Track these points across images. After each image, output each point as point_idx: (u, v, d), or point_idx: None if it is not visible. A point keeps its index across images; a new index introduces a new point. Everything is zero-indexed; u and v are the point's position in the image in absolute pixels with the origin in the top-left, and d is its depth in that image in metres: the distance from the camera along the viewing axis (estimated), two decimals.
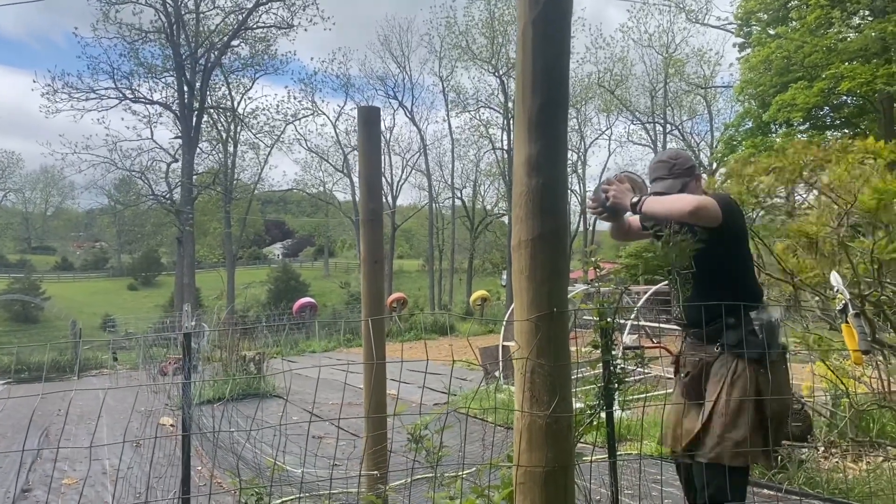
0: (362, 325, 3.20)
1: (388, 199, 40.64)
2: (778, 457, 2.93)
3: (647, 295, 11.57)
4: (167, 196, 29.97)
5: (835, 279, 2.97)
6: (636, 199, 2.59)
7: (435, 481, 2.58)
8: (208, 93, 30.05)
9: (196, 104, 28.74)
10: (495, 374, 9.32)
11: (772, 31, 21.77)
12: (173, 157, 29.61)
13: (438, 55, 38.31)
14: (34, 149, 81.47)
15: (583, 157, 40.84)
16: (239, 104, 33.43)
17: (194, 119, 28.68)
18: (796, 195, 5.32)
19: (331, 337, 21.16)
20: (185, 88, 28.30)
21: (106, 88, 27.64)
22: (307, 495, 3.96)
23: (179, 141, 28.79)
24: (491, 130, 38.75)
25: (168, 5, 27.28)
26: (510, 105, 34.50)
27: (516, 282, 1.78)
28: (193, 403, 3.77)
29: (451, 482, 2.63)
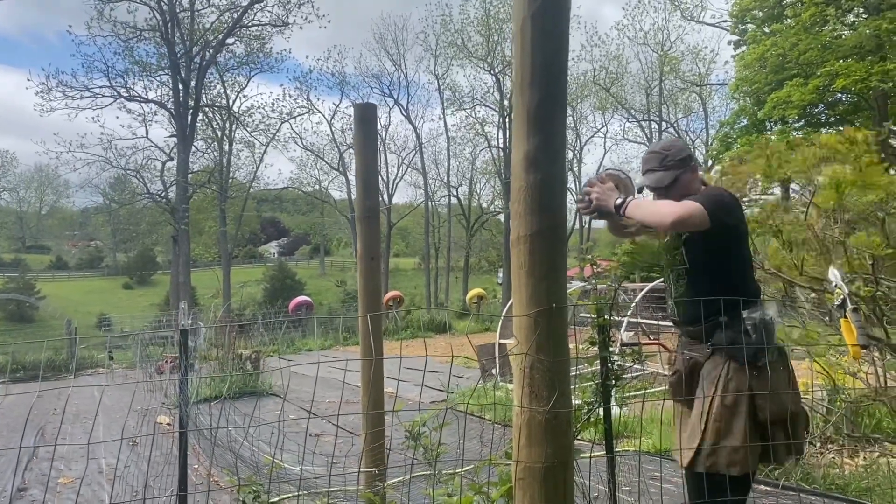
0: (359, 321, 3.19)
1: (385, 197, 40.64)
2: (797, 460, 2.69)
3: (643, 292, 11.59)
4: (162, 194, 29.89)
5: (833, 274, 2.97)
6: (620, 202, 2.47)
7: (433, 478, 2.58)
8: (203, 91, 29.96)
9: (191, 102, 28.68)
10: (492, 371, 9.33)
11: (767, 29, 21.82)
12: (168, 155, 29.52)
13: (434, 53, 38.36)
14: (28, 147, 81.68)
15: (578, 155, 40.92)
16: (234, 102, 33.45)
17: (189, 117, 28.63)
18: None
19: (327, 335, 21.14)
20: (180, 87, 28.22)
21: (100, 87, 27.62)
22: (305, 493, 3.96)
23: (174, 139, 28.74)
24: (487, 128, 38.81)
25: (163, 3, 27.20)
26: (506, 103, 34.51)
27: (515, 278, 1.78)
28: (190, 401, 3.77)
29: (449, 479, 2.63)
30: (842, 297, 2.80)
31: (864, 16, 19.50)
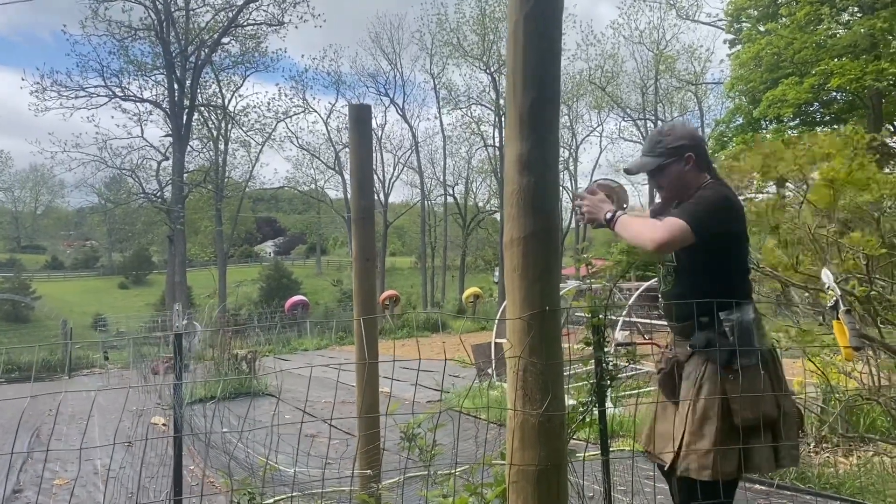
0: (354, 323, 3.19)
1: (380, 196, 40.61)
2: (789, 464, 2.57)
3: (638, 291, 11.61)
4: (158, 194, 29.85)
5: (825, 275, 2.97)
6: (609, 216, 2.41)
7: (428, 479, 2.57)
8: (199, 90, 29.95)
9: (186, 102, 28.63)
10: (488, 371, 9.33)
11: (762, 28, 21.88)
12: (164, 155, 29.49)
13: (429, 52, 38.38)
14: (23, 147, 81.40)
15: (574, 154, 40.94)
16: (229, 102, 33.40)
17: (185, 117, 28.57)
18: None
19: (323, 335, 21.13)
20: (176, 86, 28.17)
21: (95, 86, 27.57)
22: (300, 494, 3.95)
23: (170, 139, 28.68)
24: (482, 127, 38.84)
25: (158, 2, 27.16)
26: (501, 102, 34.49)
27: (509, 280, 1.77)
28: (185, 403, 3.75)
29: (444, 480, 2.63)
30: (834, 298, 2.80)
31: (859, 15, 19.56)
